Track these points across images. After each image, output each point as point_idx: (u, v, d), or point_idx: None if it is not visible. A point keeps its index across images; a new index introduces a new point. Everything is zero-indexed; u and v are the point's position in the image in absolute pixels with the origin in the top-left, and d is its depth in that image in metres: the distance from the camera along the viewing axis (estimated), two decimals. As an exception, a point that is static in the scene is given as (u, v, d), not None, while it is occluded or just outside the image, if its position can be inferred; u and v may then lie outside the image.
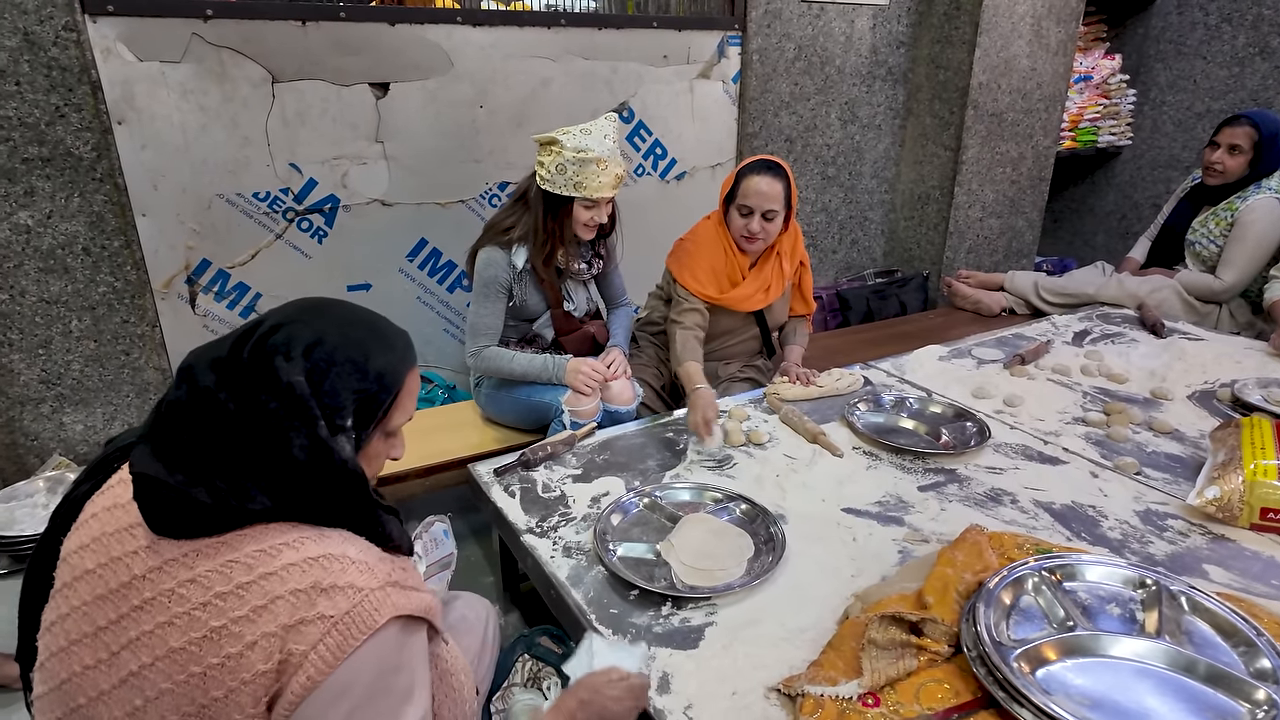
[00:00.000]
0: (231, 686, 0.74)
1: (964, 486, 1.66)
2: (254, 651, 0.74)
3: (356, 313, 0.92)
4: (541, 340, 2.14)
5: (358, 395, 0.85)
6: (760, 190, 2.02)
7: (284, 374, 0.80)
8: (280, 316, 0.86)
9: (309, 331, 0.84)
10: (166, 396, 0.83)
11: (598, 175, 1.90)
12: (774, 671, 1.12)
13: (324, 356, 0.83)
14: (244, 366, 0.80)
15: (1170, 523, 1.52)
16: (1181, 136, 4.05)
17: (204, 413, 0.79)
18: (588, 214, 1.95)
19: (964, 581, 1.19)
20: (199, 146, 2.16)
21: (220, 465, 0.78)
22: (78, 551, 0.82)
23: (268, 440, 0.78)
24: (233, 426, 0.78)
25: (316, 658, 0.74)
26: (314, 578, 0.76)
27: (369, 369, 0.86)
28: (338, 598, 0.76)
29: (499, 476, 1.70)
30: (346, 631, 0.75)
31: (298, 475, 0.79)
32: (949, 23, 3.27)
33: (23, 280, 2.03)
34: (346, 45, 2.25)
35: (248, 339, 0.82)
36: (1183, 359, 2.35)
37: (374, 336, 0.89)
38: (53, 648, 0.80)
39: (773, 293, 2.21)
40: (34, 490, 2.04)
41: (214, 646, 0.74)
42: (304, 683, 0.74)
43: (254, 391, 0.79)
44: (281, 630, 0.74)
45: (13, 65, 1.88)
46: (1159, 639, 1.08)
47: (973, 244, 3.64)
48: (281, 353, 0.81)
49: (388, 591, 0.79)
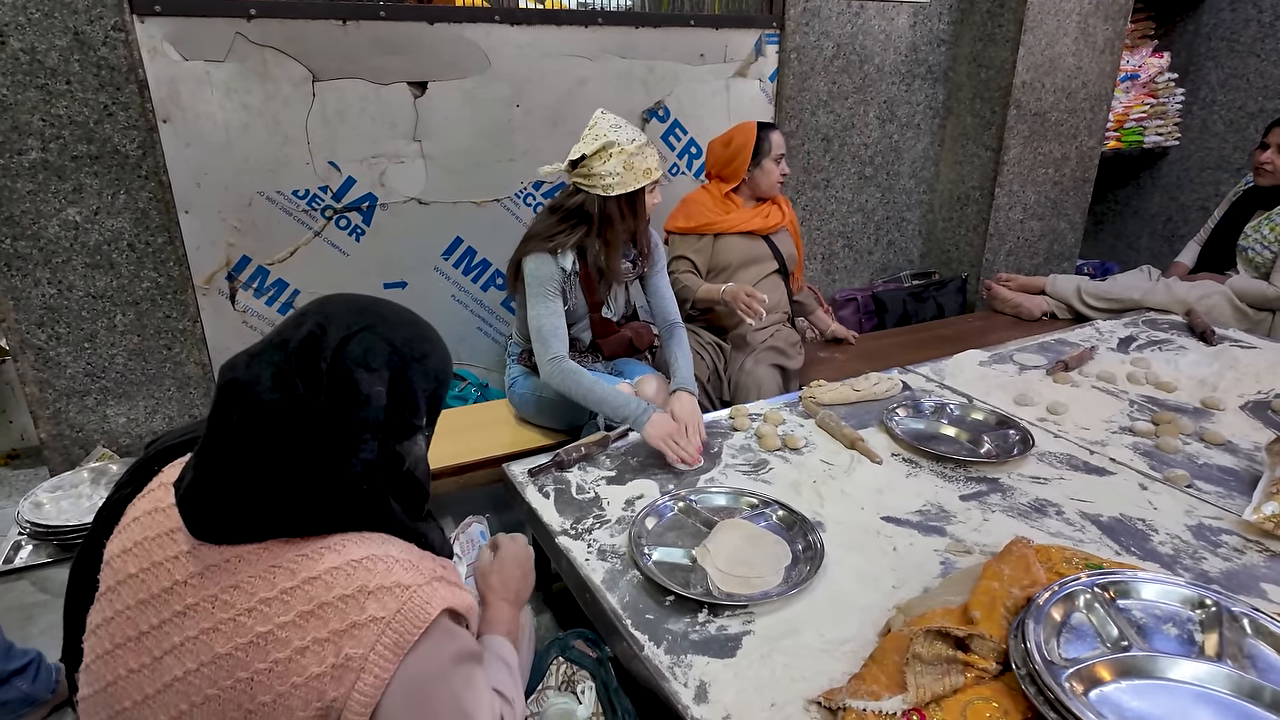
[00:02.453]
0: (280, 691, 0.73)
1: (1007, 496, 1.61)
2: (305, 656, 0.74)
3: (402, 313, 0.91)
4: (579, 343, 2.13)
5: (426, 394, 0.87)
6: (782, 140, 2.43)
7: (365, 385, 0.80)
8: (338, 321, 0.83)
9: (380, 340, 0.84)
10: (222, 411, 0.79)
11: (650, 156, 1.96)
12: (813, 683, 1.10)
13: (399, 365, 0.84)
14: (323, 379, 0.79)
15: (1225, 538, 1.47)
16: (1233, 137, 3.93)
17: (274, 427, 0.77)
18: (656, 190, 2.02)
19: (1011, 596, 1.16)
20: (241, 145, 2.19)
21: (277, 478, 0.77)
22: (120, 555, 0.83)
23: (336, 452, 0.78)
24: (303, 440, 0.77)
25: (377, 658, 0.74)
26: (360, 581, 0.76)
27: (430, 369, 0.88)
28: (386, 598, 0.76)
29: (533, 477, 1.69)
30: (401, 629, 0.75)
31: (355, 485, 0.79)
32: (992, 20, 3.20)
33: (70, 275, 2.08)
34: (386, 44, 2.27)
35: (315, 349, 0.80)
36: (1235, 367, 2.27)
37: (423, 336, 0.90)
38: (98, 650, 0.81)
39: (771, 219, 2.47)
40: (79, 481, 2.09)
41: (260, 652, 0.74)
42: (371, 683, 0.74)
43: (335, 404, 0.78)
44: (334, 635, 0.74)
45: (64, 64, 1.92)
46: (1220, 662, 1.04)
47: (1013, 246, 3.56)
48: (362, 364, 0.81)
49: (434, 586, 0.80)
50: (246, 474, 0.77)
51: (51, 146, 1.96)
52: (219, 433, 0.79)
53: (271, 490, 0.77)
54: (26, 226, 2.00)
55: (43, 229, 2.01)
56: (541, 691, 1.30)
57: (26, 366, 2.11)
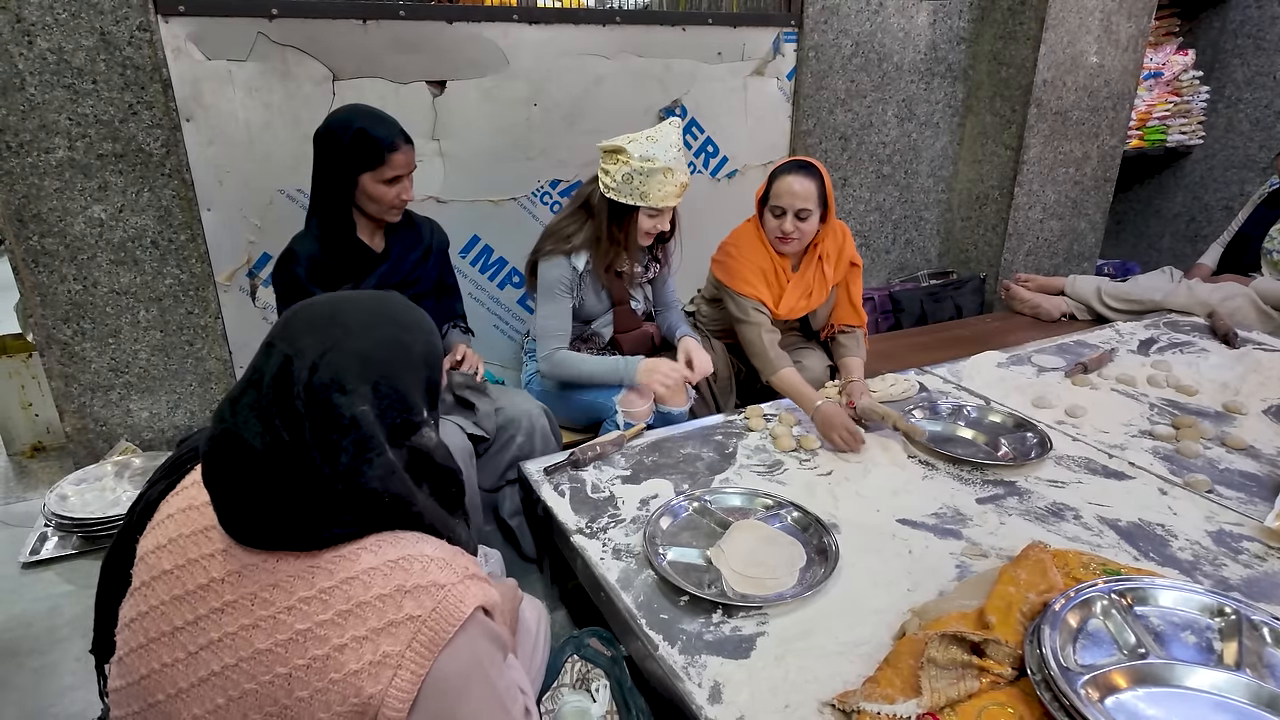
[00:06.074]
0: (318, 687, 0.75)
1: (1024, 500, 1.61)
2: (344, 654, 0.75)
3: (366, 310, 0.86)
4: (598, 339, 2.15)
5: (419, 385, 0.87)
6: (792, 190, 1.96)
7: (345, 409, 0.78)
8: (301, 346, 0.80)
9: (349, 356, 0.80)
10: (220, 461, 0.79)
11: (663, 185, 1.89)
12: (827, 686, 1.10)
13: (377, 375, 0.82)
14: (301, 416, 0.77)
15: (1246, 545, 1.45)
16: (1259, 136, 3.86)
17: (272, 471, 0.77)
18: (651, 222, 1.95)
19: (1028, 601, 1.16)
20: (262, 143, 2.21)
21: (293, 508, 0.78)
22: (154, 552, 0.85)
23: (342, 475, 0.78)
24: (304, 474, 0.77)
25: (413, 655, 0.76)
26: (396, 581, 0.78)
27: (414, 359, 0.86)
28: (422, 597, 0.78)
29: (549, 475, 1.70)
30: (437, 627, 0.77)
31: (376, 497, 0.80)
32: (1013, 18, 3.17)
33: (95, 272, 2.11)
34: (405, 43, 2.28)
35: (286, 385, 0.78)
36: (1258, 371, 2.24)
37: (397, 327, 0.86)
38: (131, 644, 0.83)
39: (815, 298, 2.15)
40: (103, 474, 2.12)
41: (300, 649, 0.76)
42: (408, 679, 0.75)
43: (321, 436, 0.77)
44: (371, 634, 0.76)
45: (90, 64, 1.95)
46: (1239, 671, 1.03)
47: (1032, 246, 3.53)
48: (337, 389, 0.78)
49: (468, 584, 0.81)
50: (264, 510, 0.78)
51: (78, 145, 1.99)
52: (223, 480, 0.79)
53: (293, 517, 0.78)
54: (54, 224, 2.03)
55: (69, 226, 2.05)
56: (556, 689, 1.31)
57: (53, 361, 2.14)
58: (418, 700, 0.76)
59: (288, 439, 0.77)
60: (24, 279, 2.05)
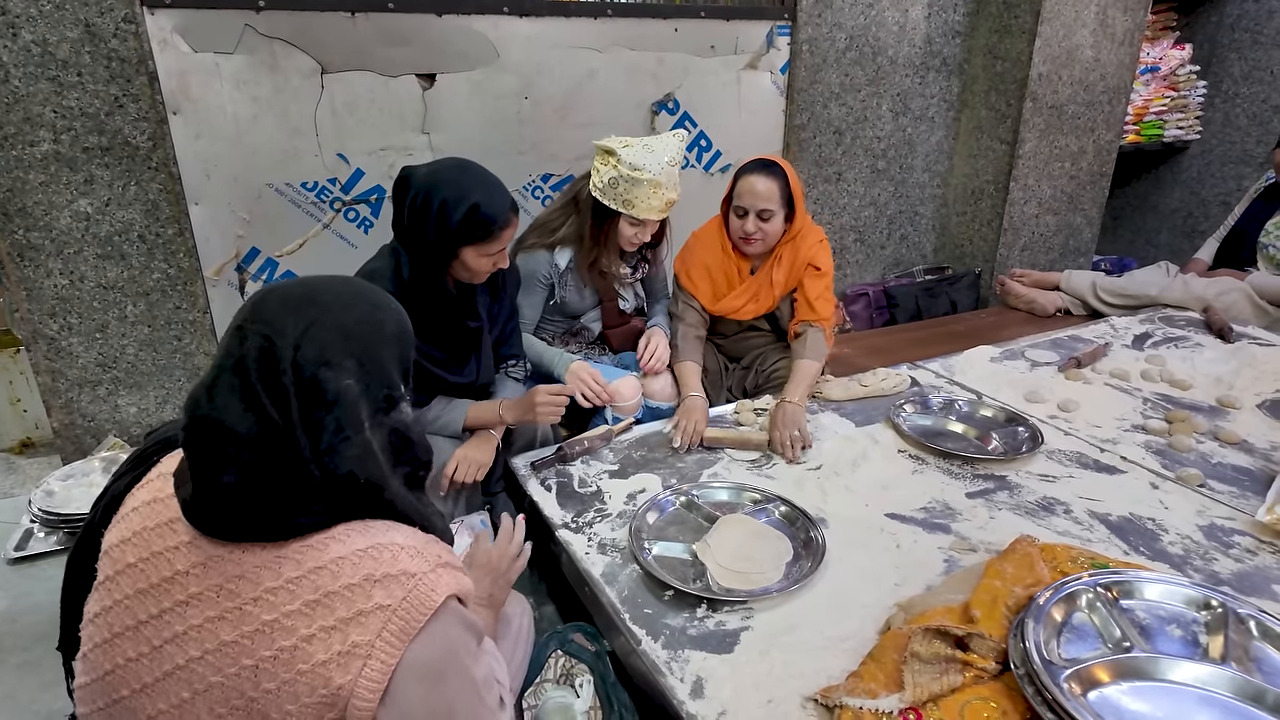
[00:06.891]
0: (285, 678, 0.74)
1: (1014, 494, 1.59)
2: (311, 644, 0.74)
3: (339, 289, 0.86)
4: (587, 334, 2.14)
5: (395, 360, 0.86)
6: (754, 190, 1.92)
7: (332, 384, 0.78)
8: (282, 326, 0.79)
9: (331, 331, 0.80)
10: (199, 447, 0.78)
11: (648, 198, 1.87)
12: (811, 680, 1.09)
13: (359, 347, 0.82)
14: (289, 393, 0.77)
15: (1237, 539, 1.44)
16: (1256, 131, 3.85)
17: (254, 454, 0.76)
18: (632, 230, 1.94)
19: (1013, 595, 1.14)
20: (250, 136, 2.19)
21: (269, 493, 0.77)
22: (119, 545, 0.83)
23: (323, 457, 0.77)
24: (285, 457, 0.76)
25: (383, 644, 0.74)
26: (365, 570, 0.76)
27: (389, 334, 0.86)
28: (392, 586, 0.76)
29: (536, 470, 1.69)
30: (407, 616, 0.76)
31: (351, 481, 0.79)
32: (1008, 12, 3.15)
33: (82, 266, 2.10)
34: (394, 36, 2.27)
35: (271, 365, 0.77)
36: (1252, 365, 2.23)
37: (371, 304, 0.87)
38: (96, 639, 0.82)
39: (762, 303, 2.09)
40: (90, 470, 2.11)
41: (266, 640, 0.74)
42: (378, 669, 0.74)
43: (308, 413, 0.77)
44: (340, 623, 0.74)
45: (75, 56, 1.93)
46: (1224, 665, 1.02)
47: (1028, 241, 3.52)
48: (323, 364, 0.78)
49: (439, 573, 0.80)
50: (240, 496, 0.77)
51: (63, 138, 1.98)
52: (203, 467, 0.77)
53: (268, 503, 0.77)
54: (39, 218, 2.02)
55: (54, 220, 2.03)
56: (539, 684, 1.30)
57: (39, 356, 2.13)
58: (389, 690, 0.74)
59: (276, 418, 0.76)
60: (9, 274, 2.04)
